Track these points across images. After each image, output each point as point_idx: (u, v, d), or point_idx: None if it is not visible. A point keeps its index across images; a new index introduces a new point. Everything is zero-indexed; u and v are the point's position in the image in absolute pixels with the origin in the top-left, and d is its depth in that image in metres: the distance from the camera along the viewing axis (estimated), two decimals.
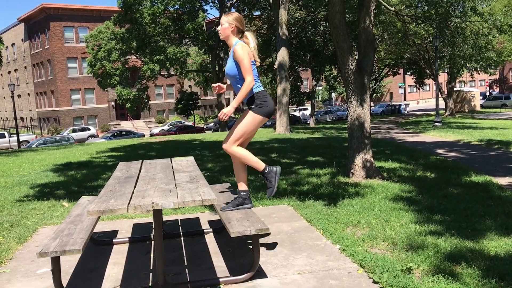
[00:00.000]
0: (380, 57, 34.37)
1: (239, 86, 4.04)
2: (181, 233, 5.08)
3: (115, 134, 36.73)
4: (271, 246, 4.56)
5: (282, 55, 20.68)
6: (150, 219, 5.77)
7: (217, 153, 12.69)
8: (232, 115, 52.07)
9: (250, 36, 4.12)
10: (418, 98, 73.68)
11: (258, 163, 4.15)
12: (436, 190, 6.61)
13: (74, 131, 40.92)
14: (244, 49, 3.93)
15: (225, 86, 4.48)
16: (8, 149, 30.04)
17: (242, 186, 4.18)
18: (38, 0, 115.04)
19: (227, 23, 4.05)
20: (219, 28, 4.13)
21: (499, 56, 30.99)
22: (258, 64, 4.09)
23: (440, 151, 12.11)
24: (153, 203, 3.19)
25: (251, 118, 4.04)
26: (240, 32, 4.10)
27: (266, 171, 4.17)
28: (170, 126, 43.57)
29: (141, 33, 31.10)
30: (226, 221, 3.83)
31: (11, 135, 37.01)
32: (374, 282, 3.61)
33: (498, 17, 24.56)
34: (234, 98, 4.11)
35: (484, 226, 4.79)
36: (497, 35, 26.33)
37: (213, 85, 4.43)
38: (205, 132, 36.19)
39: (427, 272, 3.68)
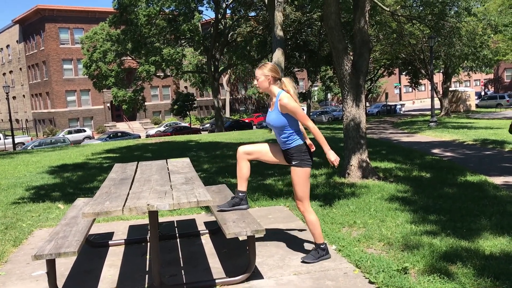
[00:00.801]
0: (376, 57, 34.41)
1: (284, 135, 4.01)
2: (177, 235, 5.07)
3: (111, 135, 36.63)
4: (267, 247, 4.57)
5: (278, 55, 20.69)
6: (146, 220, 5.76)
7: (213, 154, 12.68)
8: (228, 116, 52.05)
9: (287, 82, 4.04)
10: (413, 98, 73.84)
11: (321, 236, 4.11)
12: (431, 190, 6.63)
13: (69, 132, 40.77)
14: (291, 100, 3.89)
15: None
16: (3, 151, 29.91)
17: (242, 187, 4.17)
18: (33, 1, 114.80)
19: (263, 75, 3.99)
20: (255, 82, 4.08)
21: (495, 55, 31.11)
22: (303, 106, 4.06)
23: (435, 151, 12.14)
24: (148, 204, 3.19)
25: (301, 174, 4.02)
26: (277, 80, 4.03)
27: (322, 246, 4.11)
28: (166, 127, 43.49)
29: (137, 34, 31.02)
30: (222, 222, 3.82)
31: (6, 137, 36.84)
32: (370, 282, 3.62)
33: (492, 17, 24.67)
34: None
35: (479, 226, 4.81)
36: (492, 35, 26.43)
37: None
38: (201, 133, 36.16)
39: (422, 272, 3.69)
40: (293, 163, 4.02)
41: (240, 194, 4.17)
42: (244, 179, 4.17)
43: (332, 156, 4.03)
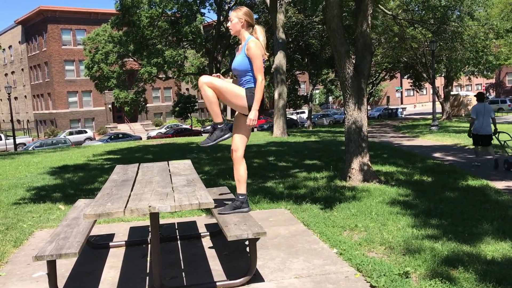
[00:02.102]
0: (377, 60, 34.44)
1: (246, 80, 4.05)
2: (178, 237, 5.06)
3: (112, 136, 36.64)
4: (268, 249, 4.55)
5: (279, 58, 20.70)
6: (146, 222, 5.75)
7: (214, 156, 12.68)
8: (229, 118, 52.09)
9: (259, 30, 4.13)
10: (415, 102, 73.83)
11: (217, 115, 4.11)
12: (433, 194, 6.62)
13: (71, 133, 40.78)
14: (257, 47, 3.95)
15: (224, 77, 4.44)
16: (5, 151, 29.93)
17: (241, 190, 4.17)
18: (36, 2, 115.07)
19: (237, 18, 4.07)
20: (229, 24, 4.14)
21: (496, 59, 31.10)
22: (265, 58, 4.07)
23: (436, 155, 12.13)
24: (150, 206, 3.18)
25: (238, 92, 4.05)
26: (250, 26, 4.11)
27: (220, 126, 4.13)
28: (167, 129, 43.48)
29: (139, 36, 31.07)
30: (223, 224, 3.82)
31: (8, 138, 36.86)
32: (372, 286, 3.61)
33: (494, 22, 24.68)
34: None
35: (481, 230, 4.80)
36: (494, 40, 26.44)
37: (213, 74, 4.37)
38: (202, 135, 36.16)
39: (424, 276, 3.67)
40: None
41: (240, 197, 4.16)
42: (243, 181, 4.17)
43: (252, 116, 3.97)
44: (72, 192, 7.77)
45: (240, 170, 4.17)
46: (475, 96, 10.35)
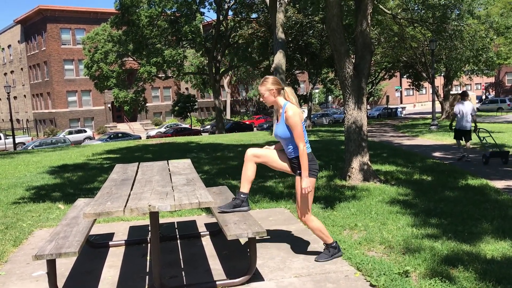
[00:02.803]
0: (377, 60, 34.42)
1: (292, 148, 4.03)
2: (178, 236, 5.06)
3: (112, 136, 36.62)
4: (268, 249, 4.55)
5: (279, 58, 20.69)
6: (146, 221, 5.75)
7: (213, 155, 12.67)
8: (229, 118, 52.06)
9: (290, 92, 4.09)
10: (414, 101, 73.83)
11: (329, 236, 4.18)
12: (432, 193, 6.62)
13: (70, 133, 40.76)
14: (295, 115, 3.92)
15: (272, 148, 4.37)
16: (4, 151, 29.91)
17: (244, 188, 4.17)
18: (35, 1, 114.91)
19: (267, 91, 4.05)
20: (261, 99, 4.14)
21: (497, 58, 31.07)
22: (302, 118, 4.02)
23: (436, 154, 12.13)
24: (149, 205, 3.18)
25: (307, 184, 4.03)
26: (280, 91, 4.08)
27: (333, 244, 4.18)
28: (167, 129, 43.47)
29: (138, 35, 31.02)
30: (223, 223, 3.81)
31: (7, 137, 36.84)
32: (371, 285, 3.60)
33: (495, 18, 24.65)
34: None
35: (481, 230, 4.80)
36: (495, 37, 26.40)
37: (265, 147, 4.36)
38: (202, 135, 36.16)
39: (424, 276, 3.67)
40: (298, 172, 4.03)
41: (241, 195, 4.16)
42: (249, 181, 4.16)
43: (305, 184, 3.96)
44: (72, 191, 7.77)
45: (249, 170, 4.15)
46: (459, 95, 11.16)
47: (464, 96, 10.74)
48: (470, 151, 11.22)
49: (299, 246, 4.59)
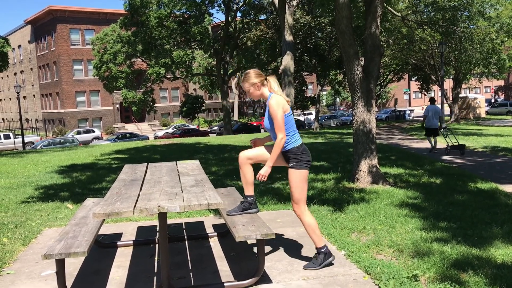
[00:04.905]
0: (385, 62, 34.30)
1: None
2: (186, 237, 5.06)
3: (120, 136, 36.78)
4: (276, 251, 4.54)
5: (287, 60, 20.64)
6: (154, 222, 5.76)
7: (221, 156, 12.68)
8: (236, 119, 52.10)
9: (272, 80, 4.05)
10: (423, 104, 73.37)
11: (320, 239, 4.06)
12: (441, 197, 6.58)
13: (78, 133, 40.98)
14: (278, 104, 3.88)
15: (260, 141, 4.41)
16: (13, 150, 30.13)
17: (249, 191, 4.16)
18: (45, 2, 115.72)
19: (250, 86, 4.02)
20: (247, 95, 4.15)
21: (509, 60, 30.82)
22: (289, 103, 4.01)
23: (445, 157, 12.05)
24: (159, 206, 3.18)
25: (298, 176, 3.99)
26: (263, 82, 4.04)
27: (323, 250, 4.05)
28: (175, 129, 43.58)
29: (147, 36, 31.14)
30: (231, 225, 3.81)
31: (16, 136, 37.11)
32: None
33: (507, 20, 24.46)
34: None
35: (491, 234, 4.76)
36: (506, 39, 26.21)
37: (250, 140, 4.43)
38: (209, 136, 36.19)
39: (433, 280, 3.65)
40: (290, 164, 4.00)
41: (249, 198, 4.15)
42: (250, 183, 4.15)
43: (263, 171, 3.92)
44: (80, 191, 7.81)
45: (247, 173, 4.13)
46: (429, 101, 13.62)
47: (432, 101, 13.38)
48: (479, 155, 11.15)
49: (307, 248, 4.57)
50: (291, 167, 4.00)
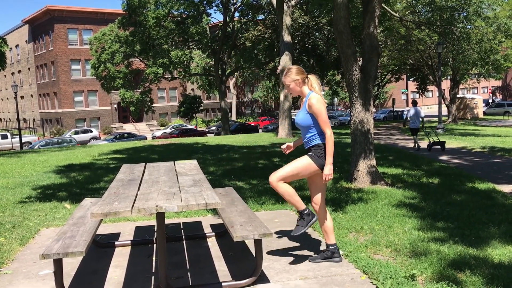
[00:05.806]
0: (383, 62, 34.33)
1: (310, 136, 4.04)
2: (183, 237, 5.06)
3: (117, 136, 36.73)
4: (274, 251, 4.55)
5: (285, 60, 20.70)
6: (152, 222, 5.76)
7: (219, 156, 12.68)
8: (234, 119, 52.03)
9: (313, 79, 4.09)
10: (420, 105, 73.59)
11: (299, 203, 4.07)
12: (439, 197, 6.59)
13: (76, 133, 40.92)
14: (319, 102, 3.94)
15: (292, 144, 4.44)
16: (11, 150, 30.08)
17: (330, 240, 4.18)
18: (43, 2, 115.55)
19: (292, 82, 4.05)
20: (286, 90, 4.16)
21: (505, 60, 30.88)
22: (325, 105, 4.03)
23: (442, 157, 12.08)
24: (157, 206, 3.18)
25: (307, 163, 3.99)
26: (305, 80, 4.08)
27: (305, 212, 4.08)
28: (172, 129, 43.56)
29: (145, 36, 31.14)
30: (229, 225, 3.81)
31: (14, 136, 37.05)
32: None
33: (504, 20, 24.52)
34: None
35: (488, 234, 4.77)
36: (503, 39, 26.26)
37: (282, 147, 4.44)
38: (207, 136, 36.19)
39: (430, 279, 3.66)
40: (309, 153, 4.04)
41: (331, 247, 4.18)
42: (330, 231, 4.18)
43: (327, 171, 3.95)
44: (78, 191, 7.80)
45: (327, 221, 4.15)
46: (411, 103, 14.48)
47: (414, 103, 14.30)
48: (476, 155, 11.19)
49: (305, 248, 4.58)
50: (308, 154, 4.03)
